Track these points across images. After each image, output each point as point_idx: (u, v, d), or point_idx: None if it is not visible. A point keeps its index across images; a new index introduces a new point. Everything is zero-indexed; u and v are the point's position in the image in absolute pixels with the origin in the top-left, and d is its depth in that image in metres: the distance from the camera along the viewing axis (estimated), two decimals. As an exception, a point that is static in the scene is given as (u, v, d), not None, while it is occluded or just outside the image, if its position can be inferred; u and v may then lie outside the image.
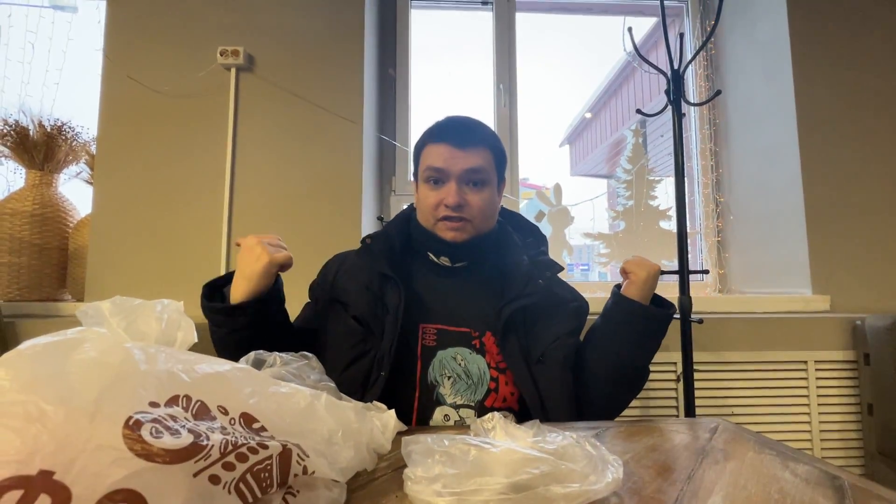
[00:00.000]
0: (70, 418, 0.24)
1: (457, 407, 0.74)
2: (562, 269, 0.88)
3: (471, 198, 0.81)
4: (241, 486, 0.29)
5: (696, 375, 1.26)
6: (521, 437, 0.42)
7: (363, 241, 0.86)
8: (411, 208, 0.94)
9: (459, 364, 0.77)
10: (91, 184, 1.61)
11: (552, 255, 0.96)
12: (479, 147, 0.82)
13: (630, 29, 1.43)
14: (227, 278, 0.80)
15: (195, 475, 0.27)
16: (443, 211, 0.81)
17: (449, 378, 0.76)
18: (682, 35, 1.37)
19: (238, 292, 0.76)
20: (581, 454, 0.40)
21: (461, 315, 0.81)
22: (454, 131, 0.83)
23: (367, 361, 0.77)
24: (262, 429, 0.34)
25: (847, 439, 1.47)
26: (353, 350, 0.78)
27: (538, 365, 0.78)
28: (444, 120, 0.88)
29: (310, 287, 0.96)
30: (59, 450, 0.23)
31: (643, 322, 0.83)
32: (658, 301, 0.88)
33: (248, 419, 0.34)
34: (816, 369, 1.48)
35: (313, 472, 0.35)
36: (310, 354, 0.55)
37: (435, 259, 0.85)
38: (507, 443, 0.40)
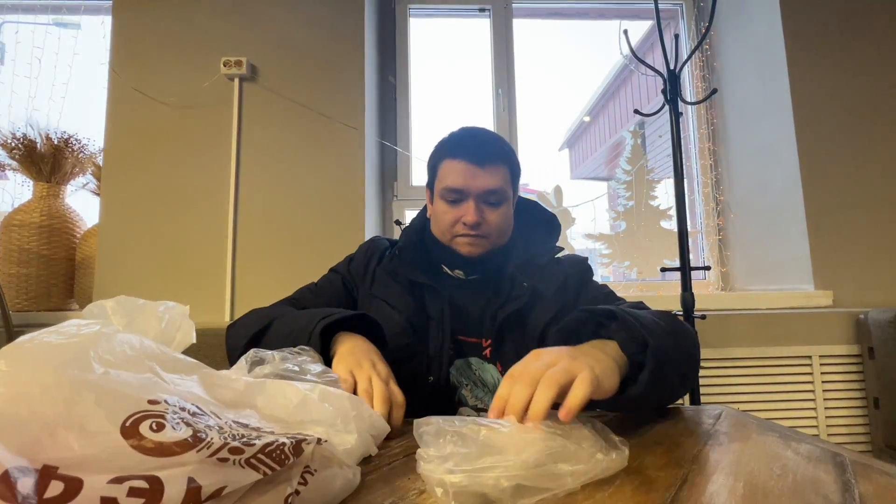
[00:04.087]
0: (72, 416, 0.26)
1: (477, 410, 0.78)
2: (559, 250, 0.89)
3: (489, 215, 0.81)
4: (254, 461, 0.30)
5: (700, 372, 1.27)
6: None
7: (393, 251, 0.88)
8: (424, 217, 0.93)
9: (475, 372, 0.80)
10: (98, 194, 1.64)
11: None
12: (497, 164, 0.82)
13: (626, 31, 1.45)
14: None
15: (200, 462, 0.27)
16: (461, 228, 0.81)
17: (466, 385, 0.79)
18: (676, 36, 1.40)
19: None
20: (588, 435, 0.41)
21: (472, 325, 0.83)
22: (472, 147, 0.82)
23: (413, 364, 0.78)
24: (259, 429, 0.35)
25: (854, 433, 1.47)
26: (400, 351, 0.78)
27: None
28: (460, 132, 0.87)
29: (341, 269, 0.93)
30: (61, 447, 0.25)
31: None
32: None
33: (242, 425, 0.35)
34: (821, 364, 1.49)
35: (326, 441, 0.35)
36: (307, 347, 0.56)
37: (449, 272, 0.86)
38: (516, 424, 0.42)
